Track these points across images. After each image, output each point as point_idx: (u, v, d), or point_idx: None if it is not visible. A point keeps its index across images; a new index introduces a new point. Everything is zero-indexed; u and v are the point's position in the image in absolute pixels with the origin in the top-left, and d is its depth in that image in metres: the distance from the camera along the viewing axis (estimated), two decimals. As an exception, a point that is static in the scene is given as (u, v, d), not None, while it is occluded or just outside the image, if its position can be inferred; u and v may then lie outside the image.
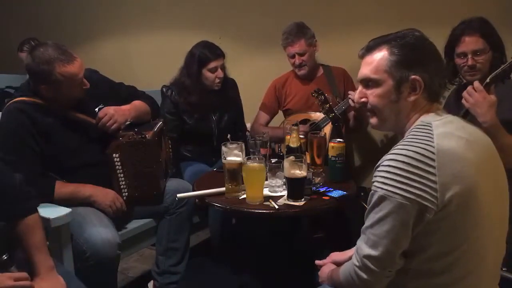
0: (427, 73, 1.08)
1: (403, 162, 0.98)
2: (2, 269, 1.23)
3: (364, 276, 1.05)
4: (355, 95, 1.20)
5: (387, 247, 1.01)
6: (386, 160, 1.01)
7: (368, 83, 1.14)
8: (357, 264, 1.07)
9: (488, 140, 1.11)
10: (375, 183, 1.02)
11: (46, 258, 1.37)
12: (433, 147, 0.99)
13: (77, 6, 4.06)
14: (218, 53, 2.43)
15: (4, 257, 1.24)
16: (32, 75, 1.76)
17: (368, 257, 1.04)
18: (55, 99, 1.79)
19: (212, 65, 2.40)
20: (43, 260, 1.36)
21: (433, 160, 0.97)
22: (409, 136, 1.05)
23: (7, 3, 4.47)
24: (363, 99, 1.16)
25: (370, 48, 1.14)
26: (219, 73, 2.42)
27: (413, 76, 1.07)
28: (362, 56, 1.16)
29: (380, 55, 1.11)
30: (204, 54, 2.42)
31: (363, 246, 1.05)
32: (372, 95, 1.13)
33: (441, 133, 1.02)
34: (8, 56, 3.88)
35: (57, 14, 4.14)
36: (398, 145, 1.04)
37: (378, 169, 1.03)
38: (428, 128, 1.04)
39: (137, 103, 2.07)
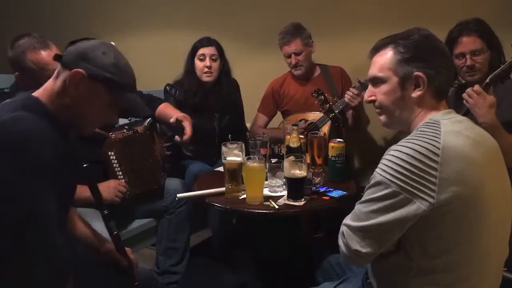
0: (432, 70, 1.10)
1: (407, 154, 0.99)
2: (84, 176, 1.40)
3: (340, 240, 1.12)
4: (365, 95, 1.23)
5: (364, 226, 1.04)
6: (392, 151, 1.03)
7: (375, 81, 1.18)
8: (340, 230, 1.14)
9: (494, 142, 1.12)
10: (377, 169, 1.05)
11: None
12: (439, 143, 1.00)
13: (77, 6, 4.05)
14: (208, 43, 2.45)
15: (84, 164, 1.36)
16: (9, 62, 1.75)
17: (346, 225, 1.10)
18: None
19: (200, 51, 2.43)
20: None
21: (437, 155, 0.98)
22: (417, 132, 1.06)
23: (6, 3, 4.46)
24: (371, 98, 1.20)
25: (377, 49, 1.17)
26: (207, 62, 2.42)
27: (416, 73, 1.10)
28: (370, 57, 1.20)
29: (386, 54, 1.14)
30: (195, 43, 2.47)
31: (347, 216, 1.11)
32: (380, 93, 1.17)
33: (449, 131, 1.04)
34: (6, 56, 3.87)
35: (56, 15, 4.13)
36: (405, 139, 1.05)
37: (383, 157, 1.06)
38: (437, 125, 1.05)
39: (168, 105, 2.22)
